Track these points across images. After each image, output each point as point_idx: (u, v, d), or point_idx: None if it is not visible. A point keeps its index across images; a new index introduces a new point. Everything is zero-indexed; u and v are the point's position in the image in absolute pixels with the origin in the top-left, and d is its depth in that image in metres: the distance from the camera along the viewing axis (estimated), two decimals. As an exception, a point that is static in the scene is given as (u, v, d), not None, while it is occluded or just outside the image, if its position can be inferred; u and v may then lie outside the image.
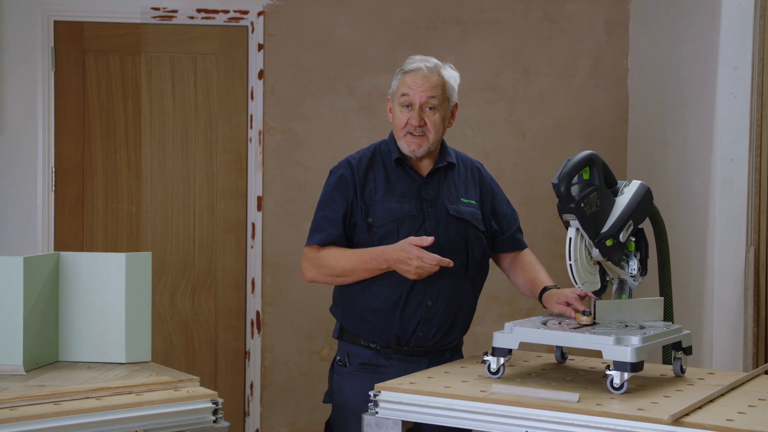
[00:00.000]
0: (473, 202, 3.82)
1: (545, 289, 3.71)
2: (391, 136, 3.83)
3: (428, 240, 3.49)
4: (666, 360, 3.63)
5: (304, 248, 3.79)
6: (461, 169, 3.88)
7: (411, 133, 3.71)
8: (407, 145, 3.72)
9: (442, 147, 3.85)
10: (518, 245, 3.95)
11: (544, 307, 3.69)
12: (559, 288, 3.66)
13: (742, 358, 4.91)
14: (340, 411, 3.78)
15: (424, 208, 3.72)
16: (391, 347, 3.71)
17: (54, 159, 5.74)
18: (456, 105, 3.82)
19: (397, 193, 3.73)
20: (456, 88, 3.80)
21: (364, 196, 3.73)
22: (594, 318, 3.33)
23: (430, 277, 3.63)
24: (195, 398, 3.11)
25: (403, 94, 3.72)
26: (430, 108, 3.70)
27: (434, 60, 3.80)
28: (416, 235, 3.63)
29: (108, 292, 3.56)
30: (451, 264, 3.51)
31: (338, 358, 3.83)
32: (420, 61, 3.77)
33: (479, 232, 3.79)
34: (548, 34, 6.11)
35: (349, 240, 3.74)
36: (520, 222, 4.02)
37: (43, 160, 5.71)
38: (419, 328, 3.68)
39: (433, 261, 3.48)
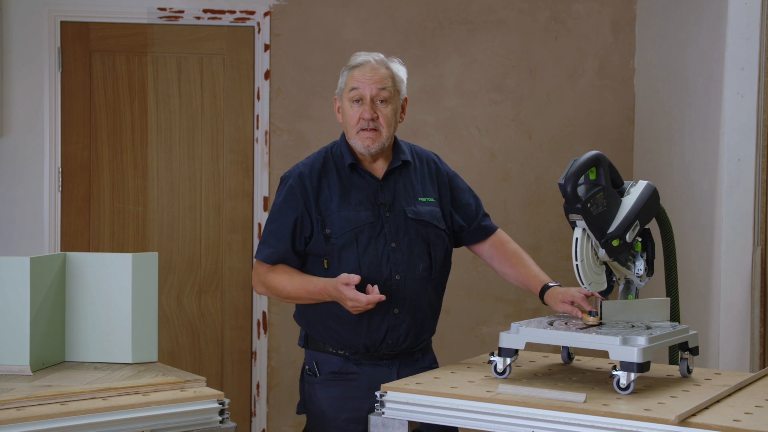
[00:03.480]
0: (431, 200, 3.73)
1: (547, 286, 3.66)
2: (343, 138, 3.75)
3: (355, 278, 3.42)
4: (672, 360, 3.63)
5: (254, 260, 3.76)
6: (417, 165, 3.78)
7: (364, 129, 3.61)
8: (361, 142, 3.63)
9: (396, 145, 3.76)
10: (488, 232, 3.86)
11: (544, 303, 3.65)
12: (560, 286, 3.63)
13: (749, 358, 4.90)
14: (316, 422, 3.70)
15: (382, 214, 3.63)
16: (360, 354, 3.64)
17: (60, 159, 5.74)
18: (406, 99, 3.74)
19: (353, 200, 3.64)
20: (405, 81, 3.72)
21: (319, 206, 3.63)
22: (600, 318, 3.33)
23: (396, 285, 3.59)
24: (201, 398, 3.12)
25: (353, 89, 3.63)
26: (382, 101, 3.62)
27: (380, 54, 3.73)
28: (375, 243, 3.60)
29: (114, 292, 3.56)
30: (383, 298, 3.43)
31: (307, 367, 3.75)
32: (366, 55, 3.71)
33: (440, 231, 3.71)
34: (555, 35, 6.11)
35: (302, 254, 3.67)
36: (526, 222, 3.99)
37: (50, 160, 5.72)
38: (388, 336, 3.61)
39: (364, 301, 3.42)
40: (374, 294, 3.43)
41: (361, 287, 3.47)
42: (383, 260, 3.59)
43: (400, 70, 3.72)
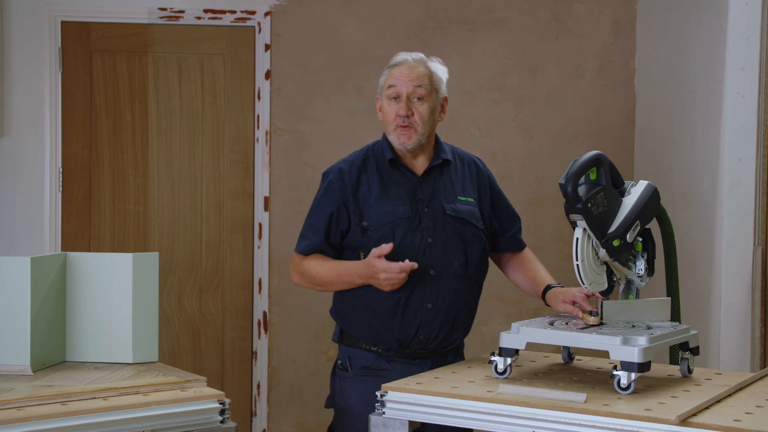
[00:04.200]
0: (471, 199, 3.77)
1: (549, 287, 3.69)
2: (384, 136, 3.80)
3: (387, 247, 3.48)
4: (673, 360, 3.63)
5: (293, 253, 3.82)
6: (458, 165, 3.82)
7: (400, 126, 3.67)
8: (397, 138, 3.68)
9: (437, 144, 3.80)
10: (519, 246, 3.93)
11: (547, 304, 3.67)
12: (562, 286, 3.65)
13: (749, 358, 4.90)
14: (343, 416, 3.74)
15: (420, 209, 3.68)
16: (393, 350, 3.68)
17: (61, 159, 5.74)
18: (446, 99, 3.78)
19: (392, 194, 3.69)
20: (444, 80, 3.76)
21: (357, 200, 3.69)
22: (601, 318, 3.33)
23: (430, 279, 3.62)
24: (202, 398, 3.12)
25: (390, 86, 3.69)
26: (418, 98, 3.66)
27: (420, 54, 3.77)
28: (411, 237, 3.63)
29: (115, 292, 3.56)
30: (416, 265, 3.50)
31: (339, 362, 3.79)
32: (405, 54, 3.76)
33: (478, 230, 3.74)
34: (555, 34, 6.11)
35: (338, 246, 3.72)
36: (527, 222, 3.99)
37: (50, 160, 5.72)
38: (420, 331, 3.64)
39: (396, 269, 3.48)
40: (406, 262, 3.49)
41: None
42: (419, 254, 3.62)
43: (439, 69, 3.77)
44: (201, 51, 5.86)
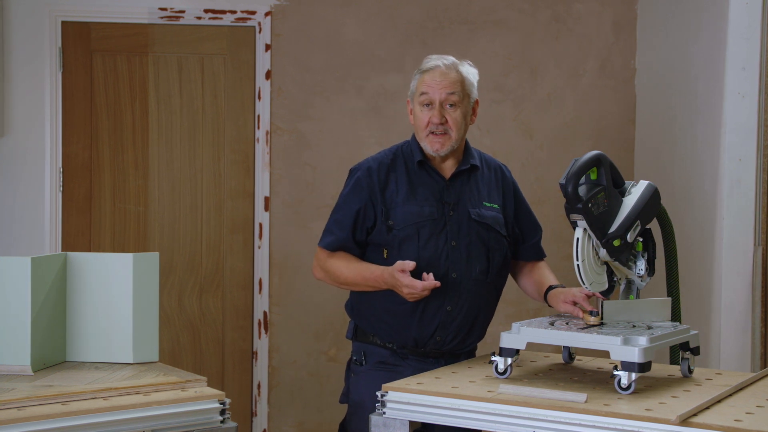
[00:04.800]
0: (496, 206, 3.77)
1: (551, 287, 3.69)
2: (414, 138, 3.80)
3: (411, 265, 3.49)
4: (674, 360, 3.63)
5: (317, 247, 3.82)
6: (485, 171, 3.83)
7: (433, 133, 3.67)
8: (430, 145, 3.68)
9: (466, 148, 3.81)
10: (539, 255, 3.93)
11: (549, 305, 3.68)
12: (564, 287, 3.65)
13: (749, 358, 4.90)
14: (356, 411, 3.75)
15: (446, 212, 3.69)
16: (408, 348, 3.70)
17: (61, 159, 5.74)
18: (476, 101, 3.79)
19: (419, 196, 3.70)
20: (475, 84, 3.77)
21: (384, 198, 3.70)
22: (601, 318, 3.33)
23: (451, 282, 3.63)
24: (202, 398, 3.12)
25: (423, 93, 3.69)
26: (451, 105, 3.67)
27: (452, 58, 3.78)
28: (436, 240, 3.65)
29: (115, 292, 3.56)
30: (438, 284, 3.50)
31: (354, 357, 3.81)
32: (437, 59, 3.75)
33: (501, 237, 3.75)
34: (556, 35, 6.11)
35: (363, 243, 3.73)
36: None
37: (51, 160, 5.72)
38: (437, 333, 3.66)
39: (419, 288, 3.49)
40: (429, 280, 3.50)
41: (417, 277, 3.52)
42: (442, 257, 3.65)
43: (470, 73, 3.77)
44: (201, 51, 5.86)
